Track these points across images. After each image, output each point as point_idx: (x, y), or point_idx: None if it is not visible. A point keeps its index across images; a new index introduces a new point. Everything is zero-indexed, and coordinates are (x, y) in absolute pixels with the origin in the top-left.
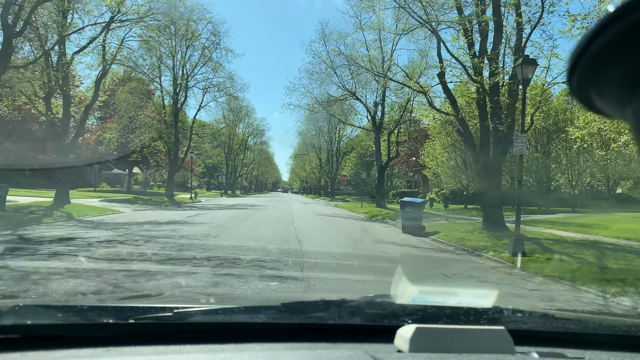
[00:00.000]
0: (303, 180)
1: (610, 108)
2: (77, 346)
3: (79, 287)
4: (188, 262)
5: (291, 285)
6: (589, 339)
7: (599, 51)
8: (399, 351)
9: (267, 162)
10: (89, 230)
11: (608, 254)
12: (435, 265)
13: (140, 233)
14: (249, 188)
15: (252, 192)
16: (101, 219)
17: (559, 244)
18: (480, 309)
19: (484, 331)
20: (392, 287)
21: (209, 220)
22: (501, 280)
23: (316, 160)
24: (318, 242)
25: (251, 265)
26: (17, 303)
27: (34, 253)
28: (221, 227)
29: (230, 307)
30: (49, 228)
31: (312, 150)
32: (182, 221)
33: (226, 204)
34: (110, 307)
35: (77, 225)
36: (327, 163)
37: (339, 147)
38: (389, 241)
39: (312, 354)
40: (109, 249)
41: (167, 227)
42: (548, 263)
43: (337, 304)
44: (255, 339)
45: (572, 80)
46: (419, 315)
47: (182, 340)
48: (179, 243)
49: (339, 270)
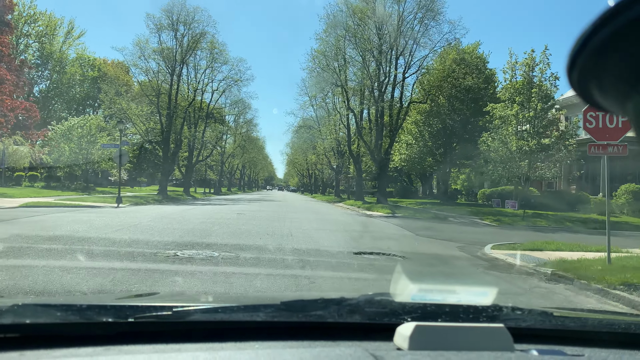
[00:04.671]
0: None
1: (611, 103)
2: (77, 345)
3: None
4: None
5: None
6: (588, 336)
7: (600, 45)
8: (399, 349)
9: (255, 150)
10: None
11: None
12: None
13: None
14: (221, 183)
15: (236, 190)
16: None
17: None
18: (479, 306)
19: (483, 329)
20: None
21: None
22: None
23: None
24: None
25: None
26: (16, 302)
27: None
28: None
29: (229, 306)
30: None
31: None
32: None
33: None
34: (109, 305)
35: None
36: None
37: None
38: None
39: (311, 352)
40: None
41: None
42: None
43: (336, 302)
44: (255, 338)
45: (572, 74)
46: (418, 313)
47: (182, 339)
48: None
49: None
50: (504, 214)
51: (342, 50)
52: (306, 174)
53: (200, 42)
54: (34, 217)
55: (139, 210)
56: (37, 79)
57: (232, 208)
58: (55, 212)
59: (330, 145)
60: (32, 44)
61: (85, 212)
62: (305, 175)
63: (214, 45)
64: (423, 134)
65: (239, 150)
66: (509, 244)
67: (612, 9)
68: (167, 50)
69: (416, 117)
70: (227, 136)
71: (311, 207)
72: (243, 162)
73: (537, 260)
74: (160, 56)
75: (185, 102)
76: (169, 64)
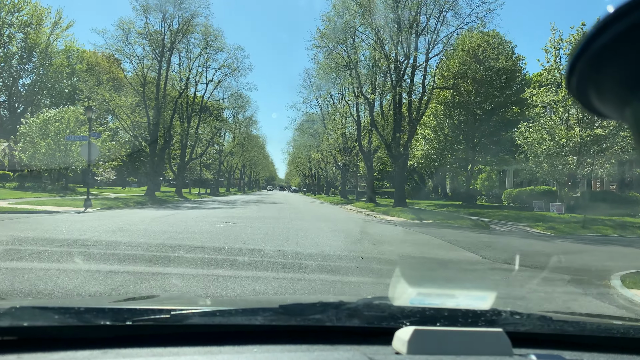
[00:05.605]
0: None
1: (609, 109)
2: (74, 348)
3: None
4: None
5: None
6: (587, 341)
7: (599, 51)
8: (397, 353)
9: (255, 149)
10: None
11: None
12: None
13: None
14: (220, 183)
15: (235, 190)
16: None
17: None
18: (478, 310)
19: (482, 333)
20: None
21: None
22: None
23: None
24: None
25: None
26: (13, 304)
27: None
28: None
29: (227, 309)
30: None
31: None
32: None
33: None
34: (107, 308)
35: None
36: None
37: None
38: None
39: (309, 355)
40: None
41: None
42: None
43: (335, 306)
44: (253, 341)
45: (571, 80)
46: (417, 318)
47: (180, 342)
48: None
49: None
50: (551, 219)
51: (353, 27)
52: (309, 173)
53: (192, 24)
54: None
55: (104, 216)
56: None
57: (223, 213)
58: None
59: (337, 141)
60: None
61: (21, 221)
62: (308, 175)
63: (207, 30)
64: (443, 128)
65: (238, 148)
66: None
67: (611, 15)
68: (155, 33)
69: (435, 108)
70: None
71: (318, 212)
72: (243, 162)
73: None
74: (147, 40)
75: (175, 93)
76: (156, 49)
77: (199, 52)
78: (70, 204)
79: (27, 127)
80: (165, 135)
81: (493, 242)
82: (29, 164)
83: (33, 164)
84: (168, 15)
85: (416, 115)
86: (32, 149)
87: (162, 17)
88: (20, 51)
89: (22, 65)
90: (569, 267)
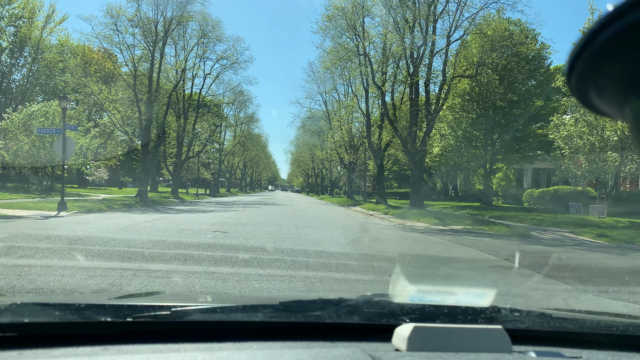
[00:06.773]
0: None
1: (609, 107)
2: (75, 344)
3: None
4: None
5: None
6: (586, 338)
7: (599, 50)
8: (397, 350)
9: (257, 148)
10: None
11: None
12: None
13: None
14: (220, 183)
15: (236, 191)
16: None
17: None
18: (478, 308)
19: (481, 330)
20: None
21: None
22: None
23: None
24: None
25: None
26: (14, 301)
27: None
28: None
29: (228, 306)
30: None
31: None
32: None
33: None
34: (108, 305)
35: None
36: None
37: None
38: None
39: (310, 352)
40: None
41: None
42: None
43: (335, 303)
44: (253, 338)
45: (571, 78)
46: (416, 314)
47: (180, 339)
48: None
49: None
50: (594, 223)
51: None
52: (312, 173)
53: (187, 10)
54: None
55: (70, 222)
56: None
57: (216, 218)
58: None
59: (343, 138)
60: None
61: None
62: (311, 175)
63: (205, 18)
64: (460, 122)
65: (239, 147)
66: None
67: (610, 14)
68: (147, 20)
69: (452, 101)
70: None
71: (326, 216)
72: (244, 161)
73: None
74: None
75: (169, 86)
76: (148, 37)
77: (196, 42)
78: (42, 206)
79: (8, 123)
80: (158, 131)
81: (557, 257)
82: (11, 162)
83: (16, 162)
84: (161, 1)
85: (435, 107)
86: (15, 146)
87: (155, 2)
88: (11, 45)
89: (14, 60)
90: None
